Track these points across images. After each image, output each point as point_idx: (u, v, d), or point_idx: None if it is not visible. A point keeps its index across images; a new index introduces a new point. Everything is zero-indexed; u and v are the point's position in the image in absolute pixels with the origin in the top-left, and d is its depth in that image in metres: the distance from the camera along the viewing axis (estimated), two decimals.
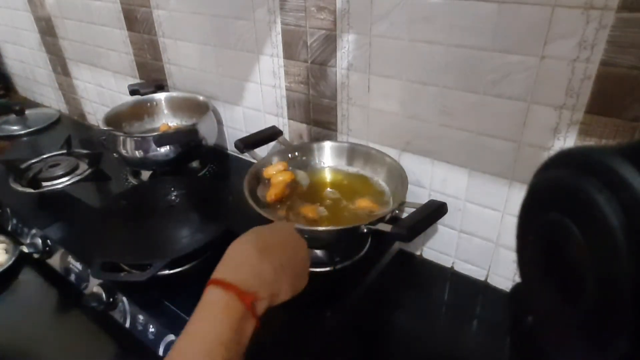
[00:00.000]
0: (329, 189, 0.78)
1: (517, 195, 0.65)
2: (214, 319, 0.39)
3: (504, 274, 0.72)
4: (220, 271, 0.43)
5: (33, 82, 1.63)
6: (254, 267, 0.43)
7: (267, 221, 0.64)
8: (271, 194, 0.73)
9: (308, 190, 0.78)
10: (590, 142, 0.55)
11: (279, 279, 0.43)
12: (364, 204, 0.72)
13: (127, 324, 0.67)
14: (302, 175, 0.80)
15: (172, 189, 0.86)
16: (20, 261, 0.84)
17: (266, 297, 0.42)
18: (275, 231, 0.48)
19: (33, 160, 1.05)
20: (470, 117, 0.64)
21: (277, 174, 0.77)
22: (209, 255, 0.73)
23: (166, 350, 0.61)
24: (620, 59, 0.49)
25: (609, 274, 0.23)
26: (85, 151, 1.10)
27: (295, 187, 0.77)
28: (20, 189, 0.93)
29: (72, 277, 0.77)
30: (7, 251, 0.86)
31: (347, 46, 0.73)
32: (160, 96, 1.10)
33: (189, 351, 0.37)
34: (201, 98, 1.04)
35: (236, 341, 0.39)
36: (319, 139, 0.86)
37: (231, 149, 1.09)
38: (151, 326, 0.63)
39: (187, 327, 0.39)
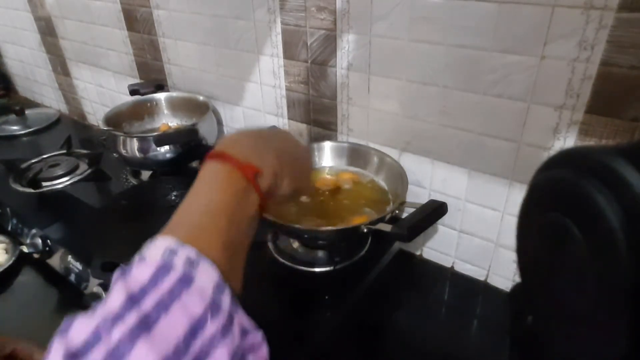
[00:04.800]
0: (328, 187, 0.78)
1: (517, 195, 0.65)
2: (215, 189, 0.35)
3: (504, 274, 0.72)
4: (220, 147, 0.38)
5: (33, 82, 1.63)
6: (255, 147, 0.38)
7: (267, 221, 0.64)
8: None
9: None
10: (590, 142, 0.55)
11: (282, 164, 0.39)
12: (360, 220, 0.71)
13: None
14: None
15: (172, 189, 0.86)
16: (20, 261, 0.84)
17: (269, 175, 0.38)
18: (276, 131, 0.44)
19: (33, 160, 1.05)
20: (470, 117, 0.64)
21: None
22: None
23: None
24: (620, 59, 0.49)
25: (609, 274, 0.23)
26: (85, 151, 1.10)
27: None
28: (20, 189, 0.93)
29: (72, 277, 0.77)
30: (7, 251, 0.86)
31: (347, 46, 0.73)
32: (160, 96, 1.10)
33: (187, 221, 0.33)
34: (201, 98, 1.04)
35: (239, 215, 0.35)
36: (319, 139, 0.86)
37: None
38: None
39: (186, 198, 0.35)
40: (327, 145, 0.83)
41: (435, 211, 0.62)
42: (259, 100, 0.94)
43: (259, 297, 0.71)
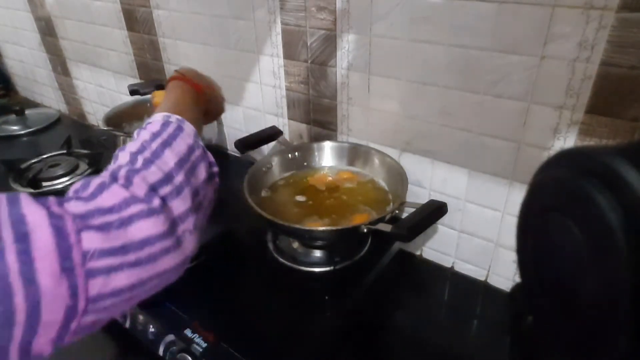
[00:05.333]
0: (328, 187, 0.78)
1: (517, 195, 0.65)
2: (179, 91, 0.56)
3: (504, 274, 0.72)
4: (176, 73, 0.60)
5: (33, 82, 1.63)
6: (195, 74, 0.63)
7: (267, 221, 0.64)
8: None
9: (307, 189, 0.78)
10: (590, 142, 0.55)
11: (206, 84, 0.63)
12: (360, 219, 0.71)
13: (127, 324, 0.67)
14: None
15: None
16: None
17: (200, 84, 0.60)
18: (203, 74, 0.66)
19: (33, 160, 1.05)
20: (470, 117, 0.64)
21: None
22: (208, 255, 0.73)
23: (166, 350, 0.61)
24: (620, 59, 0.49)
25: (609, 273, 0.23)
26: (85, 151, 1.10)
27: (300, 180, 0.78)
28: (20, 189, 0.93)
29: None
30: None
31: (347, 46, 0.73)
32: None
33: (167, 107, 0.51)
34: None
35: (192, 101, 0.55)
36: (319, 139, 0.86)
37: (231, 149, 1.09)
38: (151, 326, 0.63)
39: (164, 99, 0.54)
40: (327, 145, 0.83)
41: (435, 211, 0.62)
42: (259, 100, 0.94)
43: (259, 297, 0.71)
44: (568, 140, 0.57)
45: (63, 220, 0.33)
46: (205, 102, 0.59)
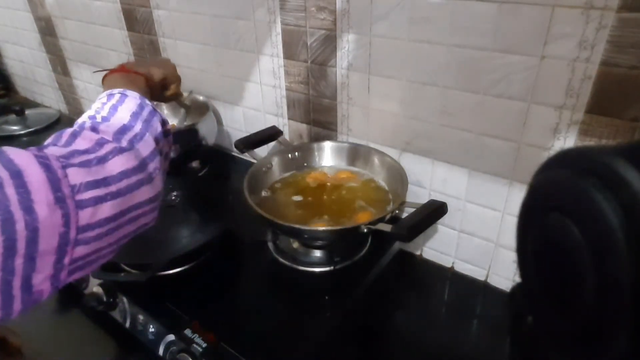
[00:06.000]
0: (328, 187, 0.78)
1: (517, 195, 0.65)
2: (124, 79, 0.56)
3: (504, 274, 0.72)
4: (118, 67, 0.60)
5: (33, 82, 1.63)
6: (136, 63, 0.63)
7: (267, 221, 0.64)
8: None
9: (307, 189, 0.78)
10: (590, 142, 0.55)
11: (151, 65, 0.63)
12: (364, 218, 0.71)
13: (127, 324, 0.67)
14: None
15: (172, 189, 0.86)
16: None
17: (144, 69, 0.61)
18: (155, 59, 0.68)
19: None
20: (471, 117, 0.64)
21: None
22: (208, 255, 0.73)
23: (166, 350, 0.61)
24: (620, 59, 0.49)
25: (609, 273, 0.23)
26: None
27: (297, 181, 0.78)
28: None
29: None
30: None
31: (347, 46, 0.73)
32: None
33: (118, 86, 0.53)
34: (201, 98, 1.04)
35: (134, 81, 0.56)
36: (319, 139, 0.86)
37: (231, 149, 1.09)
38: (151, 326, 0.63)
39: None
40: (327, 145, 0.83)
41: (435, 211, 0.62)
42: (259, 100, 0.94)
43: (259, 297, 0.71)
44: (568, 140, 0.57)
45: (48, 160, 0.36)
46: (150, 83, 0.60)
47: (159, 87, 0.63)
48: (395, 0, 0.63)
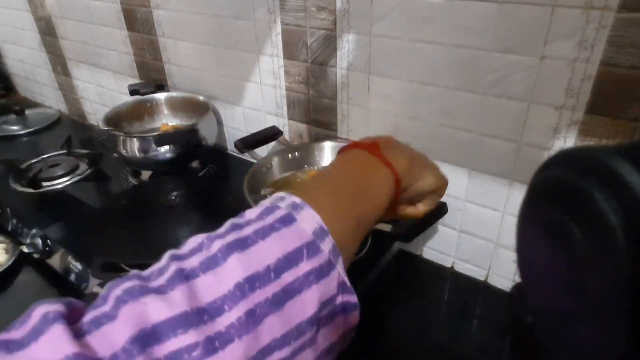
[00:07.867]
0: None
1: (517, 195, 0.65)
2: (343, 165, 0.40)
3: (504, 274, 0.72)
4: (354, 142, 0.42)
5: (33, 82, 1.63)
6: (386, 145, 0.43)
7: None
8: None
9: None
10: (590, 142, 0.55)
11: (409, 157, 0.43)
12: None
13: None
14: None
15: (172, 189, 0.86)
16: (20, 261, 0.84)
17: (401, 163, 0.41)
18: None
19: (33, 160, 1.05)
20: (470, 117, 0.64)
21: None
22: None
23: None
24: (620, 59, 0.49)
25: (609, 273, 0.23)
26: (85, 151, 1.10)
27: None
28: (20, 189, 0.93)
29: (72, 277, 0.77)
30: (7, 251, 0.86)
31: (347, 46, 0.73)
32: (160, 96, 1.10)
33: (306, 186, 0.38)
34: (201, 98, 1.04)
35: (364, 185, 0.37)
36: (319, 139, 0.86)
37: (231, 149, 1.09)
38: None
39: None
40: (327, 145, 0.83)
41: (435, 211, 0.62)
42: (259, 100, 0.94)
43: None
44: (568, 140, 0.57)
45: None
46: (398, 190, 0.41)
47: (405, 201, 0.45)
48: (395, 0, 0.63)
